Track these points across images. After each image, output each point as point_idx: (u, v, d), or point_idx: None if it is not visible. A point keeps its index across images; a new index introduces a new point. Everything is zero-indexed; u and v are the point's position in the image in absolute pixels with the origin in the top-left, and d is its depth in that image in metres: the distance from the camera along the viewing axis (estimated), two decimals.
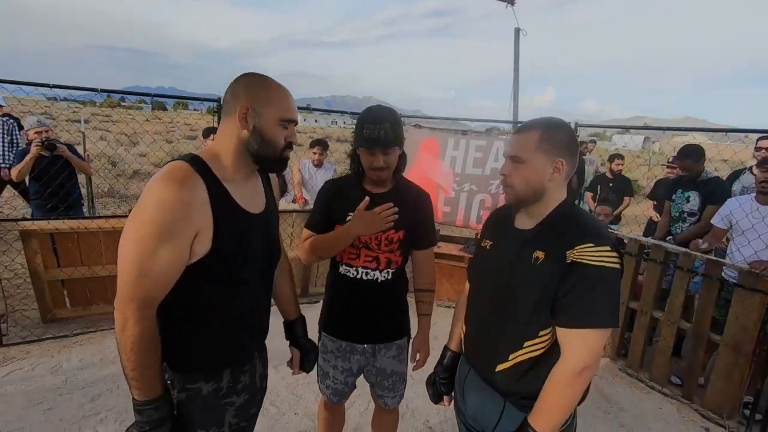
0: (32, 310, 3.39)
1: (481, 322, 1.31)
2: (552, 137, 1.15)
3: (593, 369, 1.08)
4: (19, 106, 3.85)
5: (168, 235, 0.95)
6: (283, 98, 1.12)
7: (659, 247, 3.03)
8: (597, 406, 2.81)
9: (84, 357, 2.92)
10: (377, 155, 1.52)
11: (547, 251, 1.12)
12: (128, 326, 0.97)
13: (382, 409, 1.89)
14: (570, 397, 1.08)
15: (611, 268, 1.05)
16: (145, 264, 0.95)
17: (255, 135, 1.09)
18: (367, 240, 1.60)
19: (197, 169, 1.02)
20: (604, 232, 1.11)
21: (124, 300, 0.97)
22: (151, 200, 0.95)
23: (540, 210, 1.19)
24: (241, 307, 1.16)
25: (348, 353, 1.72)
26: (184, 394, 1.09)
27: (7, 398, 2.46)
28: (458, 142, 3.88)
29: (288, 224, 3.99)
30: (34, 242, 3.15)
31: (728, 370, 2.63)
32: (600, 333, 1.06)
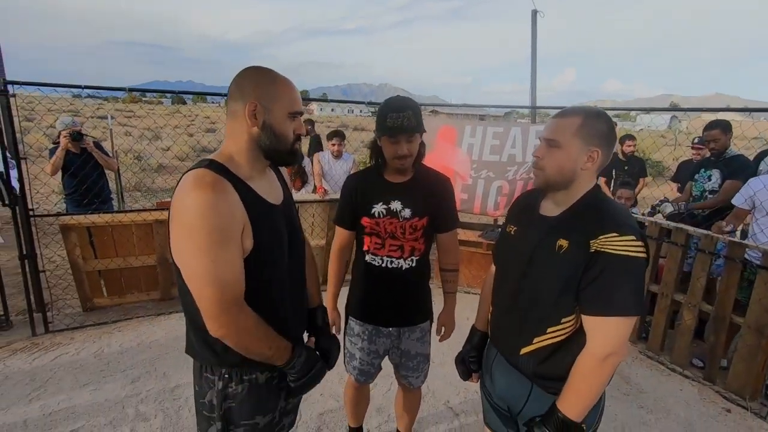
0: (73, 299, 3.62)
1: (505, 307, 1.35)
2: (592, 126, 1.15)
3: (620, 356, 1.10)
4: (44, 104, 4.04)
5: (225, 236, 0.98)
6: (290, 91, 1.12)
7: (681, 230, 3.01)
8: (616, 387, 2.84)
9: (123, 342, 3.12)
10: (401, 143, 1.57)
11: (570, 240, 1.13)
12: (241, 330, 1.03)
13: (406, 389, 1.98)
14: (597, 383, 1.10)
15: (636, 258, 1.06)
16: (221, 272, 0.98)
17: (266, 131, 1.09)
18: (392, 229, 1.67)
19: (219, 172, 1.04)
20: (629, 221, 1.11)
21: (221, 315, 0.99)
22: (194, 211, 0.95)
23: (567, 198, 1.20)
24: (283, 295, 1.20)
25: (374, 336, 1.81)
26: (242, 385, 1.15)
27: (56, 380, 2.66)
28: (475, 129, 3.89)
29: (309, 214, 4.10)
30: (73, 236, 3.35)
31: (751, 352, 2.62)
32: (625, 321, 1.08)
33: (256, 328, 1.06)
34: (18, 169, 2.89)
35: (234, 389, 1.14)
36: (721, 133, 3.31)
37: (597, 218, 1.13)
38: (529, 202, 1.35)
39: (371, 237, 1.71)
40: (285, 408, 1.29)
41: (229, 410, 1.15)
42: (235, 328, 1.02)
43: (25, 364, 2.81)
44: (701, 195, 3.48)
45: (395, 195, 1.67)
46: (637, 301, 1.08)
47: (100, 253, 3.50)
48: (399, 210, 1.66)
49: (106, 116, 6.93)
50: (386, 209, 1.67)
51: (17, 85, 2.83)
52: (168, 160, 10.42)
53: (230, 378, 1.14)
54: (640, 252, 1.07)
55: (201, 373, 1.17)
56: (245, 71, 1.12)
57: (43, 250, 3.80)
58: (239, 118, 1.09)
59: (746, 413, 2.60)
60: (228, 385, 1.14)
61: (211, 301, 0.99)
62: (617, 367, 1.13)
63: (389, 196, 1.67)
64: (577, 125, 1.15)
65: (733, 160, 3.35)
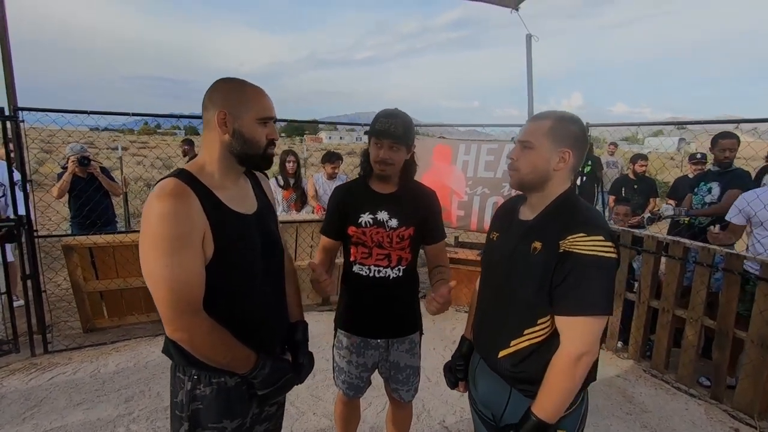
0: (74, 321, 3.65)
1: (485, 310, 1.37)
2: (562, 127, 1.18)
3: (592, 355, 1.10)
4: (61, 136, 4.22)
5: (184, 242, 1.01)
6: (259, 98, 1.16)
7: (678, 243, 2.97)
8: (619, 407, 2.75)
9: (120, 362, 3.12)
10: (384, 148, 1.60)
11: (543, 241, 1.15)
12: (195, 335, 1.04)
13: (396, 403, 1.94)
14: (570, 383, 1.10)
15: (604, 257, 1.07)
16: (177, 275, 1.00)
17: (236, 137, 1.13)
18: (379, 239, 1.68)
19: (185, 181, 1.07)
20: (597, 222, 1.13)
21: (174, 318, 1.02)
22: (155, 219, 1.00)
23: (542, 200, 1.23)
24: (252, 303, 1.20)
25: (362, 348, 1.80)
26: (210, 388, 1.16)
27: (51, 399, 2.66)
28: (469, 146, 3.95)
29: (308, 234, 4.14)
30: (75, 256, 3.42)
31: (756, 368, 2.54)
32: (595, 320, 1.09)
33: (211, 334, 1.06)
34: (24, 191, 2.99)
35: (202, 391, 1.15)
36: (737, 144, 3.31)
37: (567, 219, 1.15)
38: (510, 208, 1.38)
39: (357, 247, 1.73)
40: (258, 415, 1.28)
41: (197, 412, 1.15)
42: (188, 332, 1.04)
43: (22, 384, 2.82)
44: (701, 207, 3.45)
45: (382, 205, 1.69)
46: (605, 301, 1.08)
47: (101, 274, 3.56)
48: (386, 220, 1.68)
49: (116, 147, 7.17)
50: (373, 219, 1.69)
51: (27, 111, 2.96)
52: None
53: (199, 380, 1.15)
54: (609, 252, 1.08)
55: (174, 372, 1.19)
56: (216, 83, 1.17)
57: (49, 271, 3.90)
58: (211, 127, 1.13)
59: None
60: (196, 387, 1.15)
61: (166, 304, 1.01)
62: (590, 366, 1.12)
63: (376, 206, 1.70)
64: (548, 127, 1.19)
65: (731, 172, 3.35)
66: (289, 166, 4.33)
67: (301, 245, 4.15)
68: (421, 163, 4.17)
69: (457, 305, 4.30)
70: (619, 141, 11.30)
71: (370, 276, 1.72)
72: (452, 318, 4.04)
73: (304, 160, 14.61)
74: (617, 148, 8.69)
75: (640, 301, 3.21)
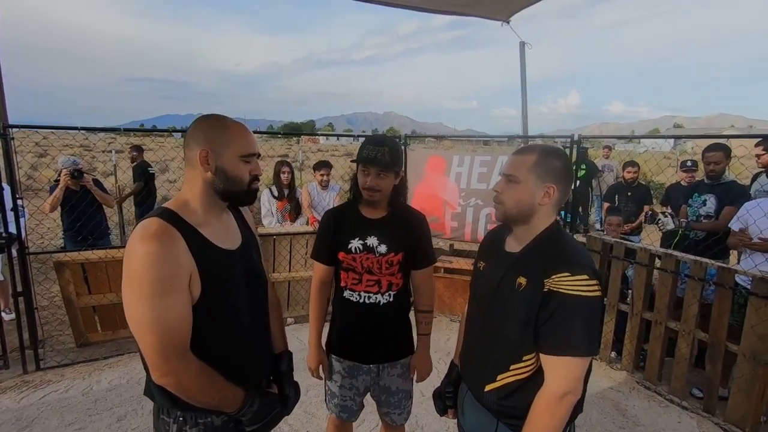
0: (67, 336, 3.63)
1: (472, 342, 1.37)
2: (547, 163, 1.18)
3: (575, 394, 1.11)
4: (58, 139, 4.22)
5: (170, 286, 0.99)
6: (241, 135, 1.15)
7: (670, 256, 2.98)
8: (612, 420, 2.76)
9: (113, 379, 3.11)
10: (371, 176, 1.60)
11: (528, 278, 1.15)
12: (183, 379, 1.02)
13: (388, 426, 1.94)
14: (553, 421, 1.10)
15: (588, 297, 1.07)
16: (163, 320, 0.98)
17: (219, 175, 1.12)
18: (369, 265, 1.68)
19: (169, 221, 1.05)
20: (582, 260, 1.13)
21: (162, 363, 1.00)
22: (138, 262, 0.98)
23: (527, 234, 1.23)
24: (239, 339, 1.20)
25: (355, 373, 1.79)
26: (197, 428, 1.14)
27: (42, 419, 2.65)
28: (463, 158, 3.96)
29: (301, 245, 4.13)
30: (67, 272, 3.40)
31: (748, 382, 2.55)
32: (578, 361, 1.09)
33: (199, 377, 1.05)
34: (14, 208, 2.97)
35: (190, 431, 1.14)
36: (723, 157, 3.32)
37: (551, 256, 1.15)
38: (496, 238, 1.38)
39: (348, 272, 1.73)
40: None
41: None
42: (176, 376, 1.03)
43: (13, 403, 2.81)
44: (697, 220, 3.46)
45: (371, 231, 1.69)
46: (589, 342, 1.09)
47: (94, 289, 3.54)
48: (375, 246, 1.68)
49: (110, 150, 7.13)
50: (362, 245, 1.68)
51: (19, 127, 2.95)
52: (174, 192, 10.64)
53: (185, 421, 1.14)
54: (593, 291, 1.08)
55: (158, 415, 1.16)
56: (197, 121, 1.16)
57: (42, 285, 3.87)
58: (194, 165, 1.13)
59: None
60: (182, 429, 1.14)
61: (152, 349, 1.00)
62: (573, 405, 1.12)
63: (365, 231, 1.69)
64: (533, 162, 1.19)
65: (729, 186, 3.34)
66: (284, 177, 4.32)
67: (295, 257, 4.14)
68: (415, 174, 4.22)
69: (452, 315, 4.30)
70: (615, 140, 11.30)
71: (361, 302, 1.72)
72: (446, 328, 4.04)
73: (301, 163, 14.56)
74: (611, 150, 8.71)
75: (633, 312, 3.22)
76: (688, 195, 3.64)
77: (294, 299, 4.24)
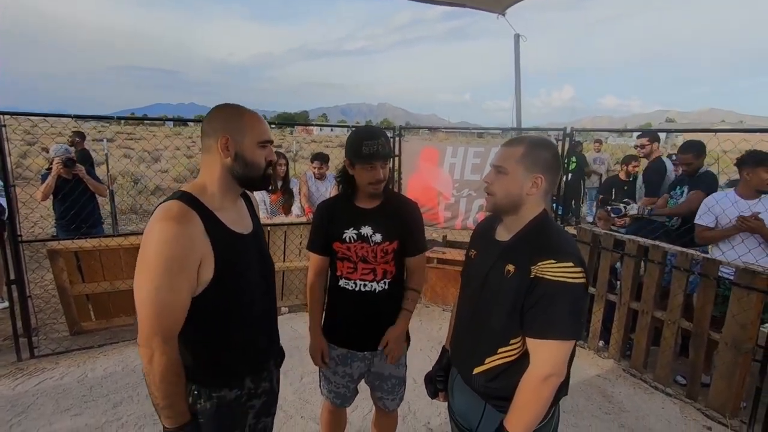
0: (60, 324, 3.64)
1: (462, 327, 1.42)
2: (535, 154, 1.22)
3: (558, 377, 1.16)
4: (46, 127, 4.18)
5: (179, 267, 1.05)
6: (258, 123, 1.22)
7: (657, 248, 3.05)
8: (598, 407, 2.84)
9: (107, 366, 3.13)
10: (378, 169, 1.63)
11: (517, 265, 1.19)
12: (155, 358, 1.05)
13: (382, 411, 1.98)
14: (538, 401, 1.15)
15: (573, 283, 1.11)
16: (165, 299, 1.04)
17: (238, 160, 1.18)
18: (363, 254, 1.71)
19: (188, 204, 1.11)
20: (568, 248, 1.17)
21: (148, 335, 1.04)
22: (156, 240, 1.03)
23: (516, 223, 1.27)
24: (251, 319, 1.26)
25: (349, 359, 1.83)
26: (210, 402, 1.19)
27: (38, 405, 2.67)
28: (456, 149, 3.99)
29: (296, 236, 4.15)
30: (61, 260, 3.40)
31: (729, 369, 2.63)
32: (562, 344, 1.14)
33: (167, 369, 1.07)
34: (7, 195, 2.95)
35: (203, 405, 1.18)
36: (694, 158, 3.41)
37: (538, 244, 1.19)
38: (487, 227, 1.42)
39: (343, 262, 1.76)
40: (255, 426, 1.31)
41: (198, 427, 1.17)
42: (150, 352, 1.05)
43: (8, 390, 2.82)
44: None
45: (365, 221, 1.72)
46: (572, 325, 1.13)
47: (87, 278, 3.54)
48: (369, 235, 1.71)
49: (102, 139, 7.05)
50: (357, 234, 1.71)
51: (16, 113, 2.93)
52: (166, 182, 10.55)
53: (199, 394, 1.18)
54: (578, 278, 1.12)
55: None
56: (215, 110, 1.22)
57: (35, 273, 3.86)
58: (213, 151, 1.18)
59: (727, 430, 2.60)
60: (197, 402, 1.18)
61: (145, 318, 1.05)
62: (557, 386, 1.17)
63: (360, 221, 1.72)
64: (520, 153, 1.23)
65: (701, 175, 3.47)
66: (279, 169, 4.28)
67: (289, 247, 4.16)
68: (409, 164, 4.24)
69: (445, 305, 4.36)
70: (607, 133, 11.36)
71: (356, 290, 1.75)
72: (439, 318, 4.10)
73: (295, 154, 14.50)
74: (602, 144, 8.79)
75: (621, 302, 3.30)
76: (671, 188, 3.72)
77: (288, 289, 4.27)
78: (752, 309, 2.52)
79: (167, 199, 1.14)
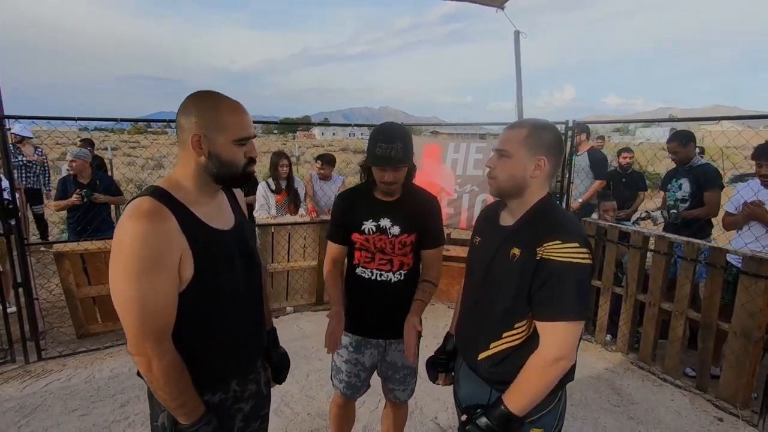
0: (68, 327, 3.65)
1: (467, 313, 1.41)
2: (537, 136, 1.21)
3: (568, 360, 1.14)
4: (53, 137, 4.27)
5: (157, 265, 0.97)
6: (236, 119, 1.09)
7: (663, 239, 3.03)
8: (607, 399, 2.81)
9: (114, 367, 3.14)
10: (387, 172, 1.63)
11: (522, 248, 1.18)
12: (153, 364, 0.99)
13: (393, 403, 1.99)
14: (542, 383, 1.14)
15: (579, 264, 1.10)
16: (147, 299, 0.97)
17: (212, 159, 1.08)
18: (381, 245, 1.73)
19: (161, 199, 1.03)
20: (573, 228, 1.16)
21: (138, 342, 0.98)
22: (128, 239, 0.95)
23: (521, 207, 1.26)
24: (235, 320, 1.19)
25: (361, 347, 1.84)
26: None
27: (46, 406, 2.68)
28: (458, 145, 3.99)
29: (300, 236, 4.16)
30: (67, 263, 3.42)
31: (739, 359, 2.61)
32: (572, 326, 1.12)
33: (169, 370, 1.02)
34: (12, 199, 2.98)
35: None
36: (680, 146, 3.37)
37: (543, 226, 1.18)
38: (491, 213, 1.41)
39: (361, 252, 1.77)
40: (243, 430, 1.27)
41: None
42: (146, 359, 1.00)
43: (16, 391, 2.83)
44: (674, 204, 3.51)
45: (385, 213, 1.73)
46: (580, 306, 1.12)
47: (93, 280, 3.56)
48: (388, 227, 1.72)
49: (106, 147, 7.11)
50: (376, 226, 1.73)
51: (14, 119, 2.95)
52: None
53: None
54: (584, 258, 1.11)
55: (152, 394, 1.13)
56: (189, 99, 1.10)
57: (41, 277, 3.89)
58: (186, 147, 1.09)
59: (738, 421, 2.57)
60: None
61: (131, 326, 0.99)
62: (566, 370, 1.16)
63: (379, 213, 1.73)
64: (523, 135, 1.21)
65: (700, 168, 3.39)
66: (282, 170, 4.27)
67: (293, 246, 4.17)
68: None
69: (450, 302, 4.34)
70: (610, 132, 11.32)
71: (372, 279, 1.77)
72: (444, 315, 4.09)
73: (297, 158, 14.53)
74: (605, 141, 8.75)
75: (627, 295, 3.28)
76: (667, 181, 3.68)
77: (293, 288, 4.27)
78: (760, 297, 2.49)
79: (138, 195, 1.05)
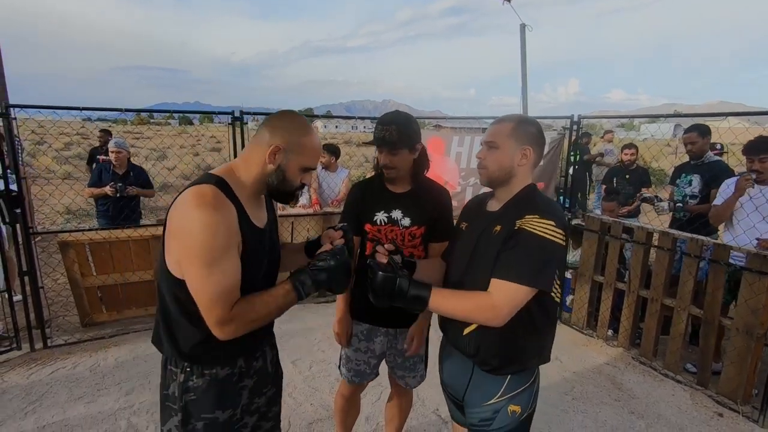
0: (73, 316, 3.69)
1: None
2: (523, 128, 1.32)
3: (500, 318, 1.19)
4: (56, 128, 4.31)
5: (225, 251, 1.07)
6: (313, 151, 1.22)
7: (667, 235, 3.03)
8: (608, 393, 2.83)
9: (119, 356, 3.17)
10: (384, 154, 1.66)
11: (504, 225, 1.27)
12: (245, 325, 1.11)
13: (400, 390, 2.03)
14: (465, 309, 1.22)
15: (548, 239, 1.18)
16: (222, 283, 1.06)
17: (278, 173, 1.19)
18: (393, 236, 1.75)
19: (224, 191, 1.11)
20: (553, 210, 1.24)
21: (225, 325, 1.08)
22: (199, 229, 1.03)
23: (507, 194, 1.35)
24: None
25: (371, 334, 1.87)
26: (202, 379, 1.20)
27: (52, 393, 2.71)
28: (462, 138, 3.99)
29: (303, 227, 4.17)
30: (72, 252, 3.44)
31: (740, 355, 2.61)
32: (520, 288, 1.17)
33: (253, 310, 1.12)
34: (18, 187, 2.99)
35: (195, 383, 1.19)
36: (698, 136, 3.36)
37: (525, 205, 1.27)
38: (479, 202, 1.50)
39: (373, 243, 1.78)
40: (248, 406, 1.32)
41: (190, 403, 1.19)
42: (233, 325, 1.10)
43: (22, 379, 2.87)
44: (683, 200, 3.50)
45: (396, 204, 1.75)
46: (536, 275, 1.17)
47: (98, 269, 3.58)
48: (399, 218, 1.74)
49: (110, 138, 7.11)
50: (387, 217, 1.75)
51: (18, 108, 2.96)
52: (173, 179, 10.63)
53: (191, 372, 1.19)
54: (555, 237, 1.19)
55: (166, 365, 1.22)
56: (286, 114, 1.25)
57: (47, 266, 3.92)
58: (261, 150, 1.18)
59: (738, 417, 2.58)
60: (189, 379, 1.19)
61: (208, 309, 1.07)
62: (488, 322, 1.20)
63: (390, 205, 1.76)
64: (510, 128, 1.32)
65: (712, 165, 3.38)
66: None
67: (296, 238, 4.18)
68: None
69: None
70: (615, 128, 11.26)
71: None
72: None
73: None
74: (613, 135, 8.72)
75: (630, 290, 3.28)
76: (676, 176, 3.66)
77: None
78: (763, 294, 2.49)
79: (199, 182, 1.12)
